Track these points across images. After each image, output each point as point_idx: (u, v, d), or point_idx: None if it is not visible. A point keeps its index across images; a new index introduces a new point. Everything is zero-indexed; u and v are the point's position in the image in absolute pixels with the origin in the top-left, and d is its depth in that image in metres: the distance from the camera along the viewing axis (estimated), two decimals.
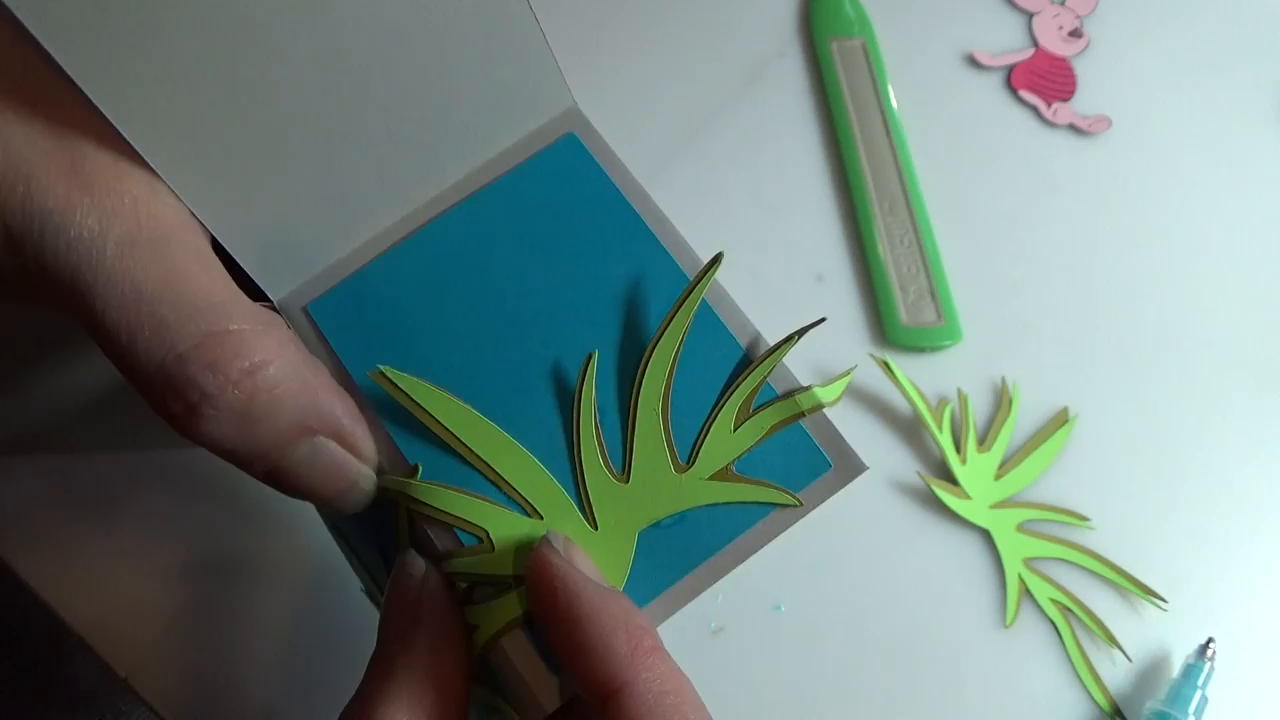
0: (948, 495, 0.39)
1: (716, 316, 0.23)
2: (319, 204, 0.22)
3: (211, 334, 0.19)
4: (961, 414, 0.41)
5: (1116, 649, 0.37)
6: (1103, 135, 0.49)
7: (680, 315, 0.22)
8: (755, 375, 0.22)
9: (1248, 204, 0.48)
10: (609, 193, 0.24)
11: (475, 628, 0.21)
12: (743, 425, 0.22)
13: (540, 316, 0.22)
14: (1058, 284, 0.45)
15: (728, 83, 0.49)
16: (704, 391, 0.22)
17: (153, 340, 0.19)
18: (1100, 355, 0.44)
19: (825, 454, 0.23)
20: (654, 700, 0.19)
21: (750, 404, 0.22)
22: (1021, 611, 0.38)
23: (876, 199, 0.46)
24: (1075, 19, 0.52)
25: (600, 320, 0.22)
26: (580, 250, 0.23)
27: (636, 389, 0.22)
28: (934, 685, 0.36)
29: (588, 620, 0.19)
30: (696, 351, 0.22)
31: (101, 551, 0.36)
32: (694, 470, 0.22)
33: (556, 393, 0.22)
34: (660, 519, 0.21)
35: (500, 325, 0.22)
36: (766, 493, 0.22)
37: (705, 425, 0.22)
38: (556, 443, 0.22)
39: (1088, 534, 0.39)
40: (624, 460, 0.22)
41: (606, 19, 0.50)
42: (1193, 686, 0.36)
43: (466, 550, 0.21)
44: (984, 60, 0.50)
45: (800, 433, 0.22)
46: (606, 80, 0.48)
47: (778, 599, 0.37)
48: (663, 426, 0.22)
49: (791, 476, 0.22)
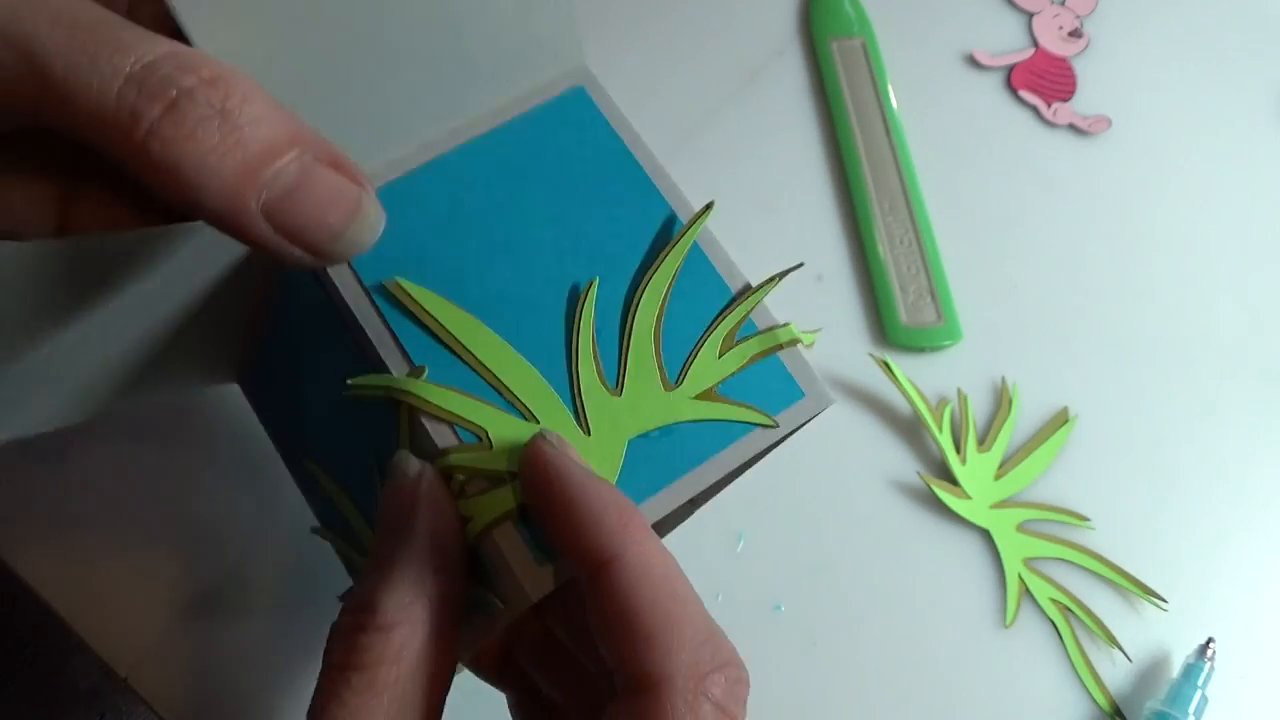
0: (948, 495, 0.39)
1: (708, 260, 0.25)
2: (348, 123, 0.23)
3: (175, 47, 0.18)
4: (961, 414, 0.41)
5: (1116, 649, 0.37)
6: (1103, 135, 0.49)
7: (675, 253, 0.24)
8: (740, 310, 0.24)
9: (1247, 203, 0.48)
10: (612, 142, 0.26)
11: (468, 520, 0.22)
12: (727, 353, 0.24)
13: (546, 247, 0.24)
14: (1058, 284, 0.45)
15: (727, 82, 0.49)
16: (693, 322, 0.24)
17: (115, 57, 0.18)
18: (1100, 355, 0.44)
19: (798, 384, 0.24)
20: (642, 570, 0.20)
21: (734, 335, 0.24)
22: (1021, 611, 0.38)
23: (876, 199, 0.46)
24: (1075, 19, 0.52)
25: (601, 254, 0.24)
26: (585, 190, 0.25)
27: (632, 313, 0.24)
28: (934, 685, 0.36)
29: (580, 499, 0.20)
30: (688, 288, 0.24)
31: (101, 551, 0.36)
32: (681, 389, 0.24)
33: (559, 315, 0.24)
34: (648, 430, 0.23)
35: (508, 252, 0.24)
36: (746, 413, 0.24)
37: (694, 350, 0.24)
38: (557, 358, 0.23)
39: (1088, 534, 0.39)
40: (618, 376, 0.23)
41: (607, 19, 0.50)
42: (1193, 686, 0.36)
43: (466, 446, 0.22)
44: (984, 60, 0.50)
45: (777, 364, 0.24)
46: (606, 79, 0.48)
47: (778, 599, 0.37)
48: (655, 348, 0.24)
49: (768, 401, 0.24)
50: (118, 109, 0.17)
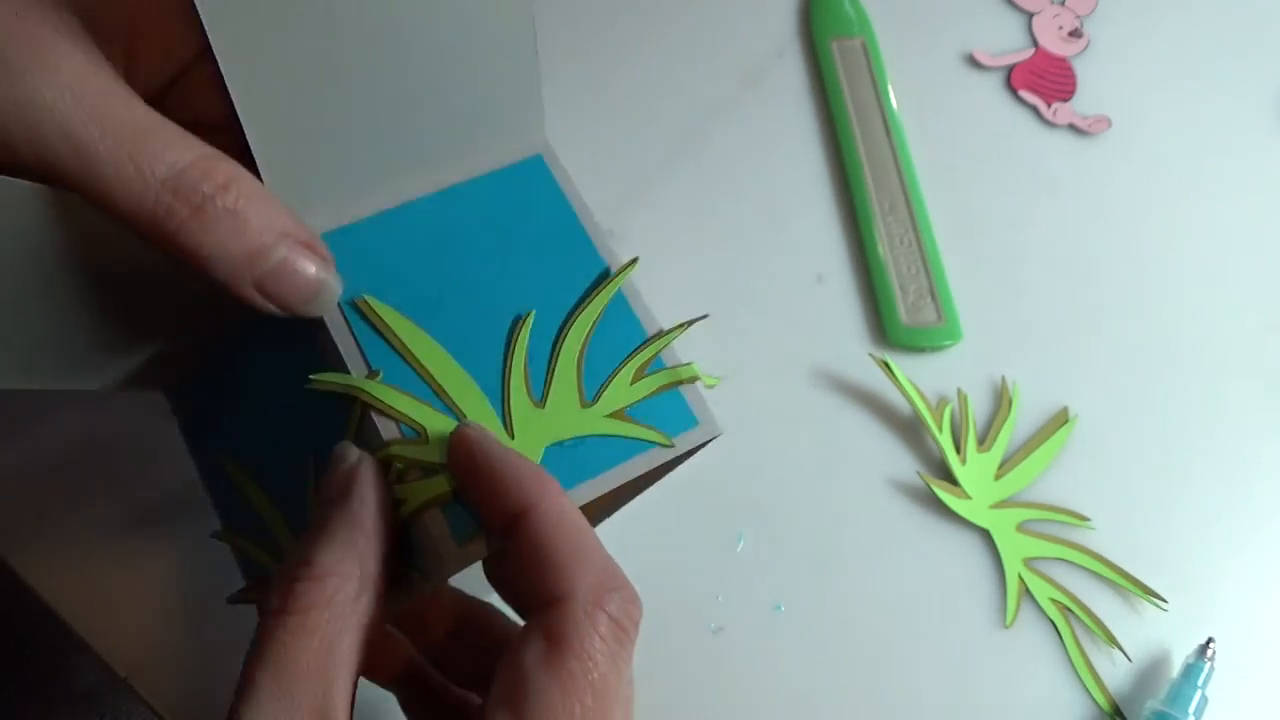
0: (948, 495, 0.39)
1: (630, 307, 0.29)
2: (333, 171, 0.28)
3: (202, 155, 0.24)
4: (961, 414, 0.41)
5: (1116, 649, 0.37)
6: (1103, 135, 0.49)
7: (602, 296, 0.29)
8: (652, 347, 0.29)
9: (1247, 204, 0.48)
10: (562, 205, 0.31)
11: (402, 503, 0.26)
12: (638, 382, 0.29)
13: (495, 285, 0.29)
14: (1057, 284, 0.45)
15: (727, 83, 0.49)
16: (612, 355, 0.29)
17: (154, 166, 0.23)
18: (1100, 355, 0.44)
19: (694, 414, 0.29)
20: (556, 516, 0.24)
21: (645, 369, 0.29)
22: (1021, 611, 0.38)
23: (876, 199, 0.46)
24: (1075, 19, 0.52)
25: (542, 295, 0.29)
26: (534, 243, 0.30)
27: (560, 342, 0.28)
28: (934, 685, 0.36)
29: (501, 466, 0.25)
30: (611, 327, 0.29)
31: (101, 552, 0.36)
32: (596, 408, 0.28)
33: (501, 339, 0.28)
34: (564, 439, 0.28)
35: (461, 285, 0.29)
36: (647, 433, 0.28)
37: (610, 377, 0.28)
38: (494, 374, 0.28)
39: (1087, 534, 0.39)
40: (544, 393, 0.28)
41: (607, 18, 0.50)
42: (1193, 686, 0.36)
43: (406, 440, 0.26)
44: (984, 60, 0.50)
45: (678, 397, 0.29)
46: (608, 79, 0.48)
47: (778, 599, 0.37)
48: (577, 372, 0.28)
49: (668, 426, 0.28)
50: (154, 209, 0.23)
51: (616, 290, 0.29)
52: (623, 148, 0.47)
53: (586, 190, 0.38)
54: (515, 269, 0.29)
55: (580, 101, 0.47)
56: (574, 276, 0.29)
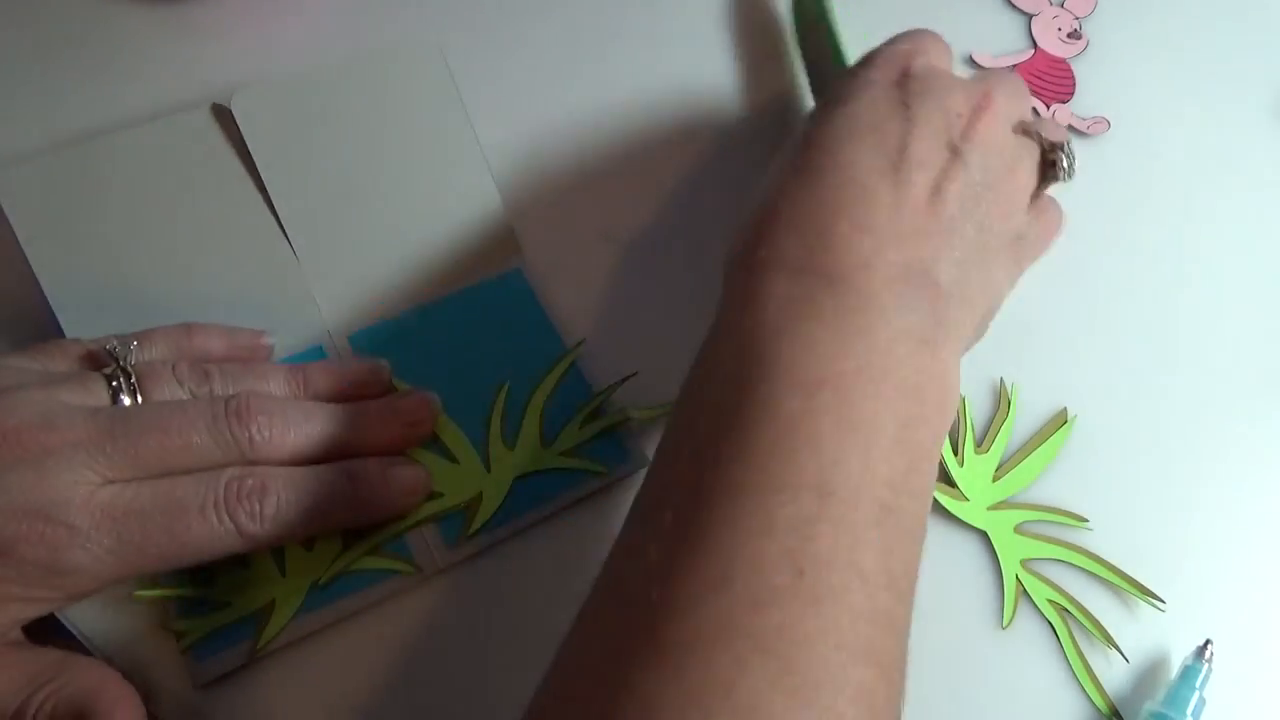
0: (945, 497, 0.39)
1: (581, 373, 0.40)
2: (356, 283, 0.41)
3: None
4: (960, 415, 0.41)
5: (1114, 650, 0.37)
6: (1102, 136, 0.49)
7: (559, 368, 0.40)
8: (595, 400, 0.39)
9: (1247, 205, 0.48)
10: (535, 307, 0.42)
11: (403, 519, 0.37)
12: (584, 427, 0.39)
13: (484, 364, 0.40)
14: (1057, 285, 0.45)
15: (727, 83, 0.49)
16: (565, 409, 0.39)
17: None
18: (1099, 356, 0.44)
19: (629, 452, 0.39)
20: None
21: (591, 416, 0.39)
22: (1019, 612, 0.38)
23: None
24: (1074, 20, 0.52)
25: (517, 370, 0.40)
26: (513, 332, 0.41)
27: (526, 401, 0.39)
28: (931, 686, 0.36)
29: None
30: (565, 391, 0.40)
31: None
32: (553, 448, 0.38)
33: (487, 400, 0.39)
34: (528, 471, 0.38)
35: (459, 364, 0.40)
36: (590, 464, 0.38)
37: (564, 424, 0.39)
38: (478, 427, 0.39)
39: (1085, 535, 0.39)
40: (514, 437, 0.39)
41: (607, 18, 0.50)
42: (1190, 688, 0.36)
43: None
44: (984, 61, 0.50)
45: (617, 438, 0.39)
46: (608, 79, 0.48)
47: None
48: (539, 422, 0.39)
49: (606, 461, 0.39)
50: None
51: (571, 362, 0.40)
52: (622, 148, 0.47)
53: (585, 192, 0.45)
54: (498, 352, 0.40)
55: (575, 120, 0.47)
56: (542, 356, 0.40)
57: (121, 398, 0.32)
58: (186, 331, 0.37)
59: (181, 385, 0.34)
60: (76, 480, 0.30)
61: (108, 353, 0.34)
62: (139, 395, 0.33)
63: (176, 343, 0.36)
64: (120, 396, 0.32)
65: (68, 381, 0.32)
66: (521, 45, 0.48)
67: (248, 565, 0.35)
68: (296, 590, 0.35)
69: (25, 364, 0.33)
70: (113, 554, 0.30)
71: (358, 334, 0.40)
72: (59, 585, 0.30)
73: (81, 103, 0.44)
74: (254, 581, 0.35)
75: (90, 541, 0.29)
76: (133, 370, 0.33)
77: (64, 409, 0.31)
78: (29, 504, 0.29)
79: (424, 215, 0.42)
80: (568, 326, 0.41)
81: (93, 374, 0.33)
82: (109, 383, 0.33)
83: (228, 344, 0.37)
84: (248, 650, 0.34)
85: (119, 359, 0.33)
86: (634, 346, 0.41)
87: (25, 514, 0.29)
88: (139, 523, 0.30)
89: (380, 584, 0.35)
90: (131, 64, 0.46)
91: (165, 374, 0.34)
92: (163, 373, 0.34)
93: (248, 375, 0.35)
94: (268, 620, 0.34)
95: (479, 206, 0.43)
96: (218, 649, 0.34)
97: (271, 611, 0.34)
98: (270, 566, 0.35)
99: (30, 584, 0.29)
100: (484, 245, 0.42)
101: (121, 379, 0.33)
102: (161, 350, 0.36)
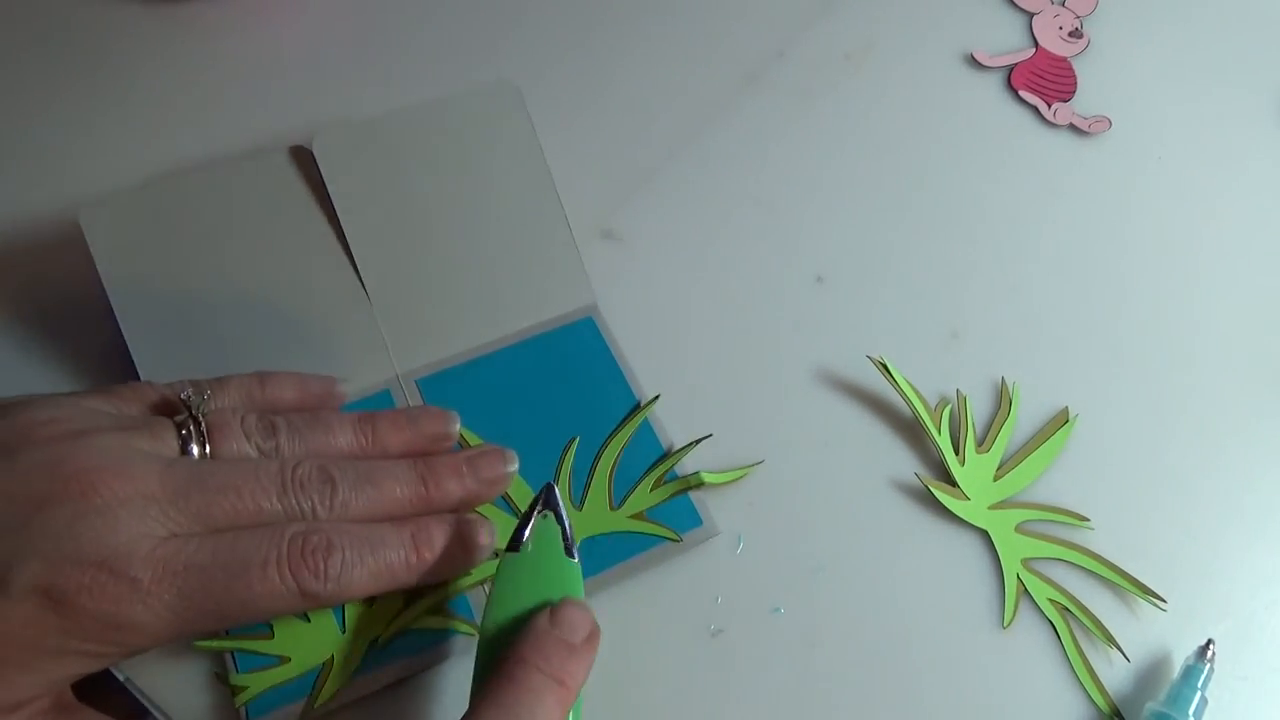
0: (946, 496, 0.39)
1: (653, 430, 0.39)
2: (419, 328, 0.41)
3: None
4: (960, 415, 0.41)
5: (1115, 650, 0.37)
6: (1103, 135, 0.49)
7: (630, 425, 0.39)
8: (668, 462, 0.39)
9: (1247, 204, 0.48)
10: (606, 354, 0.41)
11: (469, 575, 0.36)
12: (656, 489, 0.38)
13: (555, 416, 0.39)
14: (1058, 284, 0.45)
15: (727, 83, 0.49)
16: (637, 468, 0.39)
17: None
18: (1100, 355, 0.44)
19: (700, 516, 0.38)
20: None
21: (663, 478, 0.38)
22: (1020, 612, 0.38)
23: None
24: (1075, 19, 0.52)
25: (587, 423, 0.39)
26: (585, 384, 0.40)
27: (596, 460, 0.39)
28: (932, 686, 0.36)
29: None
30: (636, 448, 0.39)
31: None
32: (621, 510, 0.38)
33: (555, 457, 0.39)
34: (596, 534, 0.37)
35: (529, 417, 0.39)
36: (661, 530, 0.37)
37: (633, 486, 0.38)
38: (546, 480, 0.36)
39: (1087, 534, 0.39)
40: (582, 498, 0.38)
41: (608, 18, 0.50)
42: (1192, 688, 0.36)
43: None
44: (984, 60, 0.50)
45: (688, 500, 0.38)
46: (610, 79, 0.48)
47: (777, 601, 0.37)
48: (608, 483, 0.38)
49: (678, 525, 0.37)
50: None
51: (643, 420, 0.39)
52: (622, 147, 0.47)
53: (586, 189, 0.45)
54: (570, 405, 0.40)
55: (581, 100, 0.47)
56: (614, 409, 0.40)
57: (190, 447, 0.32)
58: (260, 381, 0.36)
59: (249, 439, 0.33)
60: (145, 533, 0.29)
61: (182, 401, 0.33)
62: (207, 445, 0.33)
63: (249, 392, 0.36)
64: (190, 446, 0.32)
65: (140, 428, 0.32)
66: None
67: (308, 618, 0.34)
68: (356, 649, 0.34)
69: (100, 405, 0.33)
70: (171, 610, 0.29)
71: (426, 379, 0.40)
72: (116, 640, 0.29)
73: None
74: (313, 636, 0.34)
75: (151, 597, 0.29)
76: (203, 419, 0.33)
77: (141, 457, 0.30)
78: (95, 554, 0.28)
79: (497, 260, 0.41)
80: (640, 378, 0.40)
81: (164, 420, 0.32)
82: (179, 430, 0.32)
83: (300, 393, 0.37)
84: (304, 709, 0.33)
85: (191, 408, 0.33)
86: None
87: (90, 564, 0.28)
88: (199, 578, 0.29)
89: (440, 645, 0.35)
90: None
91: (234, 425, 0.33)
92: (232, 423, 0.33)
93: (316, 428, 0.35)
94: (325, 679, 0.34)
95: (554, 252, 0.42)
96: (273, 705, 0.33)
97: (330, 670, 0.34)
98: (330, 621, 0.34)
99: (89, 637, 0.29)
100: (558, 291, 0.42)
101: (191, 427, 0.32)
102: (234, 398, 0.35)
